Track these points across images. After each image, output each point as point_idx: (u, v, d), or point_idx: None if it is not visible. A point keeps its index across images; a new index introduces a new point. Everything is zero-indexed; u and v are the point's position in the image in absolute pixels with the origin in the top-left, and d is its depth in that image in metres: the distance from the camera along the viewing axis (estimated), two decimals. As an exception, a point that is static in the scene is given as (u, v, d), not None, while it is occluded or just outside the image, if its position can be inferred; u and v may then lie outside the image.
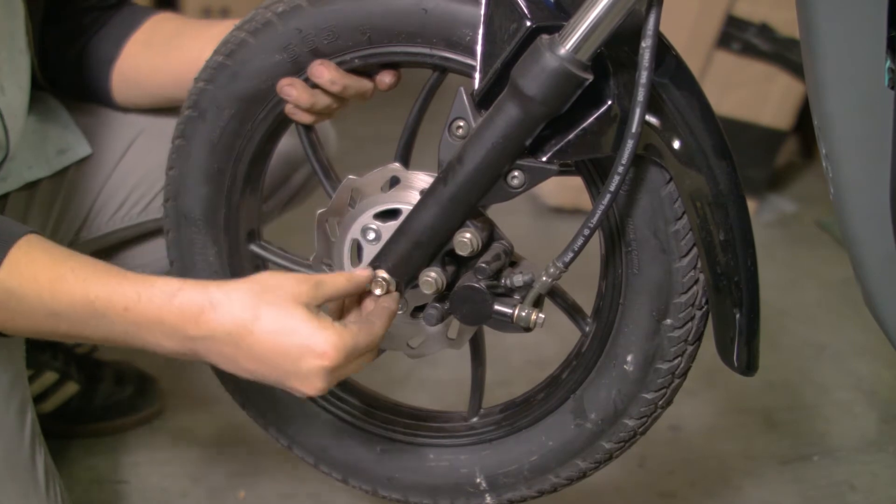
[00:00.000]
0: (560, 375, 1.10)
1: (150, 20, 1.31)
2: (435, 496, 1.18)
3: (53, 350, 1.61)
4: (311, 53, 0.99)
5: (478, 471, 1.15)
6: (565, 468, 1.12)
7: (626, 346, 1.03)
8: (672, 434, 1.72)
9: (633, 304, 1.00)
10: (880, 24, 0.78)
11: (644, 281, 0.97)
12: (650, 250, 0.96)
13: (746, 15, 2.35)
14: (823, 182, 0.91)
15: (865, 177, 0.85)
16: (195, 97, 1.06)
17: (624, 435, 1.08)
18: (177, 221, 1.15)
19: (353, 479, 1.22)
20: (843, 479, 1.62)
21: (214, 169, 1.10)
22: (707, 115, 0.88)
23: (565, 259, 0.86)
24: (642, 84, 0.79)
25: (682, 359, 1.02)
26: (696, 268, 0.96)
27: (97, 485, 1.54)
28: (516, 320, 0.90)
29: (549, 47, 0.79)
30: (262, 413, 1.23)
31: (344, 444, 1.20)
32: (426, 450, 1.18)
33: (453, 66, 0.95)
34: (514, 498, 1.16)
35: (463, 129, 0.87)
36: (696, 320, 1.00)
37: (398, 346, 1.07)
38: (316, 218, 1.06)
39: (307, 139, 1.09)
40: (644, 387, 1.04)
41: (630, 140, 0.81)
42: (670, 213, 0.93)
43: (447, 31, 0.93)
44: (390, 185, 1.01)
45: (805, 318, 2.13)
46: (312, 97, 1.01)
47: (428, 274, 0.93)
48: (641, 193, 0.93)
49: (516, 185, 0.87)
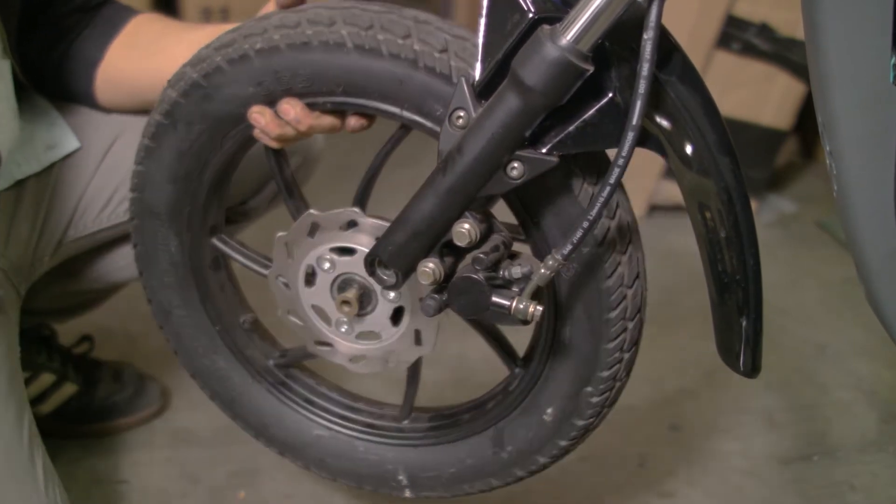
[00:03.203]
0: (486, 404, 1.19)
1: (132, 21, 1.30)
2: (361, 482, 1.29)
3: (49, 351, 1.61)
4: (284, 92, 1.00)
5: (401, 469, 1.25)
6: (478, 483, 1.21)
7: (548, 399, 1.10)
8: (672, 434, 1.72)
9: (560, 367, 1.07)
10: (885, 20, 0.77)
11: (572, 351, 1.04)
12: (582, 329, 1.02)
13: (746, 15, 2.36)
14: (823, 182, 0.91)
15: (870, 174, 0.85)
16: (167, 107, 1.06)
17: (534, 468, 1.17)
18: (142, 212, 1.17)
19: (288, 455, 1.32)
20: (843, 479, 1.62)
21: (182, 173, 1.11)
22: (712, 111, 0.88)
23: (564, 251, 0.85)
24: (644, 76, 0.79)
25: (596, 419, 1.10)
26: (621, 350, 1.03)
27: (97, 485, 1.54)
28: (514, 312, 0.89)
29: (550, 37, 0.78)
30: (209, 386, 1.31)
31: (284, 424, 1.30)
32: (357, 442, 1.27)
33: (421, 128, 0.97)
34: (431, 496, 1.25)
35: (463, 119, 0.86)
36: (615, 391, 1.08)
37: (342, 361, 1.16)
38: (275, 239, 1.10)
39: (275, 161, 1.10)
40: (559, 435, 1.12)
41: (630, 132, 0.80)
42: (606, 304, 0.99)
43: (419, 102, 0.95)
44: (348, 226, 1.05)
45: (805, 318, 2.14)
46: (280, 128, 1.01)
47: (426, 265, 0.93)
48: (586, 279, 0.98)
49: (515, 175, 0.87)
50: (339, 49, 0.95)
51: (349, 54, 0.94)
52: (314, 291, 1.11)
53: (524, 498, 1.54)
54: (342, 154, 2.23)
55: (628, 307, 1.01)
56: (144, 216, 1.17)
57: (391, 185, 0.94)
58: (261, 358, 1.28)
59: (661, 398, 1.83)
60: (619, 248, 0.98)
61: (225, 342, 1.26)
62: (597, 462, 1.63)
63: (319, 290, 1.10)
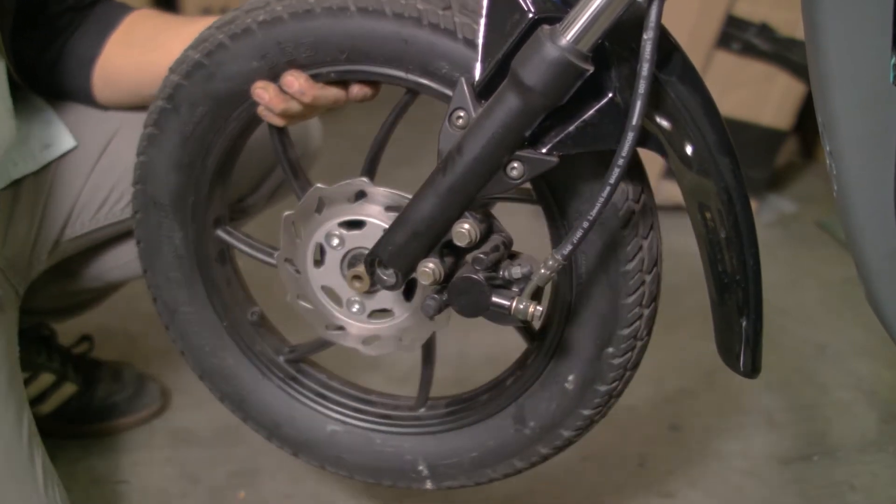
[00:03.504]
0: (505, 382, 1.16)
1: (128, 18, 1.30)
2: (379, 477, 1.25)
3: (49, 352, 1.61)
4: (288, 64, 1.00)
5: (420, 459, 1.21)
6: (502, 466, 1.18)
7: (568, 367, 1.08)
8: (672, 434, 1.72)
9: (578, 331, 1.05)
10: (885, 20, 0.77)
11: (590, 312, 1.02)
12: (599, 286, 1.00)
13: (746, 15, 2.36)
14: (823, 182, 0.91)
15: (870, 174, 0.85)
16: (170, 90, 1.06)
17: (559, 443, 1.14)
18: (145, 205, 1.16)
19: (303, 454, 1.28)
20: (843, 479, 1.61)
21: (185, 160, 1.11)
22: (712, 111, 0.88)
23: (564, 251, 0.85)
24: (644, 76, 0.79)
25: (620, 382, 1.08)
26: (640, 304, 1.02)
27: (97, 485, 1.54)
28: (514, 313, 0.89)
29: (550, 37, 0.78)
30: (218, 387, 1.29)
31: (296, 422, 1.26)
32: (373, 434, 1.24)
33: (427, 91, 0.97)
34: (453, 485, 1.22)
35: (463, 119, 0.87)
36: (637, 350, 1.06)
37: (355, 344, 1.14)
38: (282, 219, 1.09)
39: (279, 140, 1.10)
40: (582, 404, 1.09)
41: (630, 132, 0.80)
42: (622, 256, 0.98)
43: (424, 61, 0.94)
44: (356, 198, 1.04)
45: (805, 318, 2.13)
46: (285, 102, 1.01)
47: (426, 265, 0.93)
48: (599, 233, 0.97)
49: (515, 176, 0.87)
50: (342, 13, 0.94)
51: (353, 18, 0.94)
52: (324, 271, 1.09)
53: (525, 498, 1.54)
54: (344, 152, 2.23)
55: (645, 259, 1.00)
56: (148, 208, 1.16)
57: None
58: (270, 353, 1.26)
59: (661, 398, 1.83)
60: (633, 197, 0.97)
61: (233, 339, 1.24)
62: (597, 462, 1.63)
63: (329, 270, 1.08)
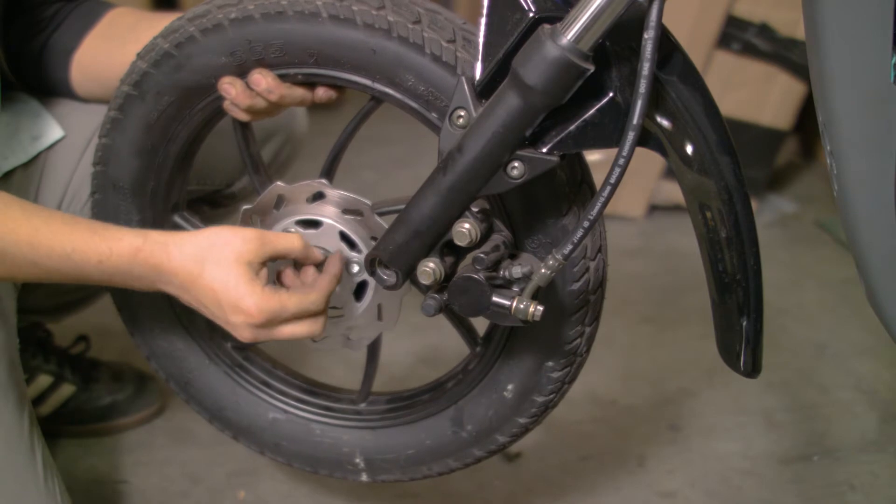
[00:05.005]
0: (445, 384, 1.19)
1: (109, 13, 1.33)
2: (316, 466, 1.28)
3: (45, 353, 1.61)
4: (256, 62, 1.00)
5: (358, 451, 1.25)
6: (437, 465, 1.21)
7: (508, 376, 1.11)
8: (672, 434, 1.72)
9: (521, 342, 1.07)
10: (886, 20, 0.77)
11: (534, 326, 1.02)
12: (545, 302, 1.00)
13: (746, 15, 2.36)
14: (823, 182, 0.91)
15: (870, 173, 0.85)
16: (136, 77, 1.07)
17: (493, 447, 1.17)
18: (104, 187, 1.17)
19: (243, 439, 1.31)
20: (843, 479, 1.61)
21: (148, 146, 1.11)
22: (712, 111, 0.88)
23: (564, 251, 0.85)
24: (644, 75, 0.79)
25: (557, 395, 1.11)
26: (583, 323, 1.04)
27: (97, 485, 1.54)
28: (514, 312, 0.89)
29: (551, 37, 0.78)
30: (165, 368, 1.30)
31: (240, 407, 1.29)
32: (314, 425, 1.27)
33: (392, 101, 0.98)
34: (388, 479, 1.25)
35: (464, 118, 0.87)
36: (576, 365, 1.09)
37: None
38: (241, 212, 1.11)
39: (241, 135, 1.11)
40: (519, 413, 1.12)
41: (631, 132, 0.80)
42: (569, 276, 1.00)
43: (391, 73, 0.96)
44: (314, 199, 1.06)
45: (805, 318, 2.13)
46: (251, 99, 1.02)
47: (426, 264, 0.93)
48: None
49: (516, 175, 0.87)
50: (313, 18, 0.95)
51: (323, 24, 0.95)
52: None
53: (524, 497, 1.54)
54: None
55: (591, 279, 1.02)
56: (107, 190, 1.16)
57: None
58: (218, 340, 1.27)
59: (661, 398, 1.82)
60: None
61: (183, 324, 1.26)
62: (597, 462, 1.63)
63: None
